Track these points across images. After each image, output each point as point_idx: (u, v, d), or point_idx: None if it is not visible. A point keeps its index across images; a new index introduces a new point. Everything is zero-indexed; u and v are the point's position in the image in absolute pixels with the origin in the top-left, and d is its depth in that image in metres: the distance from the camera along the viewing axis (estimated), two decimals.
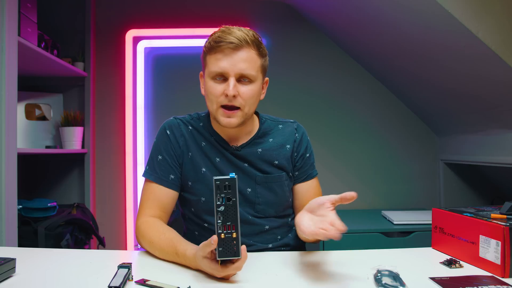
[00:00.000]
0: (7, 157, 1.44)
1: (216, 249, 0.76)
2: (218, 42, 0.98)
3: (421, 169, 2.42)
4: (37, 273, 0.84)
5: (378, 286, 0.74)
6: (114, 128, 2.40)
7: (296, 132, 1.16)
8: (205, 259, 0.79)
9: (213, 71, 0.99)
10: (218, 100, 1.00)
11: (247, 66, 0.98)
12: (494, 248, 0.82)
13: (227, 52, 0.98)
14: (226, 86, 0.98)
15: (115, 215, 2.37)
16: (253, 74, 1.00)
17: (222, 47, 0.98)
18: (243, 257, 0.77)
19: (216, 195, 0.76)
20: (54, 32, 2.14)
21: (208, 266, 0.79)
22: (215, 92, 1.00)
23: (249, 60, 0.99)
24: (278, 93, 2.35)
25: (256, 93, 1.03)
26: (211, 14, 2.40)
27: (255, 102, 1.04)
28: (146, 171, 1.09)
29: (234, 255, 0.76)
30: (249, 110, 1.02)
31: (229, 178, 0.77)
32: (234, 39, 0.97)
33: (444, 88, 1.86)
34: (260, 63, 1.02)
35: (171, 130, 1.11)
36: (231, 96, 0.98)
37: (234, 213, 0.76)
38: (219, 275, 0.79)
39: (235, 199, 0.77)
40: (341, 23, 2.13)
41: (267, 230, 1.10)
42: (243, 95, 1.00)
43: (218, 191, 0.76)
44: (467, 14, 1.32)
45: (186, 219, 1.15)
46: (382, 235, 1.84)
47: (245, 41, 0.98)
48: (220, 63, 0.98)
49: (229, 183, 0.76)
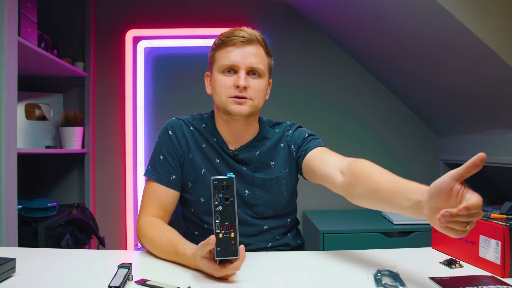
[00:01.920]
0: (7, 157, 1.44)
1: (214, 249, 0.76)
2: (229, 37, 1.02)
3: (421, 169, 2.42)
4: (37, 273, 0.84)
5: (378, 286, 0.74)
6: (114, 128, 2.40)
7: (290, 128, 1.16)
8: (204, 259, 0.79)
9: (224, 64, 1.02)
10: (228, 92, 1.02)
11: (257, 60, 1.02)
12: (494, 248, 0.82)
13: (239, 45, 1.01)
14: (237, 78, 1.01)
15: (115, 215, 2.37)
16: (262, 69, 1.03)
17: (233, 40, 1.01)
18: (241, 257, 0.77)
19: (214, 195, 0.76)
20: (54, 32, 2.14)
21: (206, 265, 0.79)
22: (225, 84, 1.02)
23: (259, 55, 1.03)
24: (278, 93, 2.34)
25: (264, 88, 1.06)
26: (211, 14, 2.40)
27: (263, 97, 1.07)
28: (148, 171, 1.10)
29: (232, 255, 0.76)
30: (258, 103, 1.05)
31: (227, 178, 0.76)
32: (246, 34, 1.02)
33: (444, 88, 1.86)
34: (267, 61, 1.07)
35: (173, 130, 1.11)
36: (241, 87, 1.00)
37: (232, 213, 0.76)
38: (217, 275, 0.79)
39: (233, 199, 0.76)
40: (341, 23, 2.14)
41: (266, 230, 1.10)
42: (253, 88, 1.02)
43: (216, 191, 0.76)
44: (467, 14, 1.32)
45: (186, 219, 1.16)
46: (382, 235, 1.84)
47: (255, 37, 1.03)
48: (231, 56, 1.01)
49: (227, 183, 0.76)
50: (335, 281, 0.81)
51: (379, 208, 0.89)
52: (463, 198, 0.64)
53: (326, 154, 1.06)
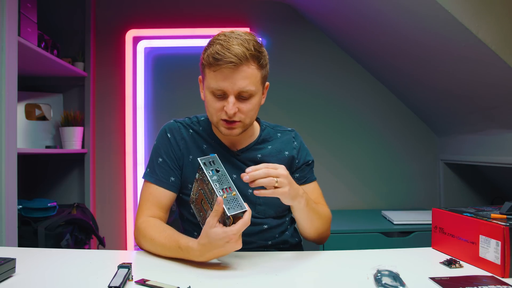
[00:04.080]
0: (7, 157, 1.44)
1: (224, 209, 0.83)
2: (217, 60, 0.94)
3: (421, 169, 2.42)
4: (37, 273, 0.84)
5: (378, 286, 0.74)
6: (114, 128, 2.40)
7: (294, 140, 1.19)
8: (215, 228, 0.83)
9: (213, 87, 0.98)
10: (218, 114, 1.01)
11: (247, 83, 0.96)
12: (494, 248, 0.82)
13: (227, 73, 0.95)
14: (226, 103, 0.98)
15: (115, 215, 2.37)
16: (253, 90, 0.98)
17: (221, 66, 0.94)
18: (248, 209, 0.85)
19: (206, 171, 0.87)
20: (54, 32, 2.14)
21: (221, 231, 0.82)
22: (215, 107, 1.00)
23: (249, 76, 0.96)
24: (278, 93, 2.35)
25: (256, 105, 1.03)
26: (211, 14, 2.40)
27: (255, 113, 1.05)
28: (147, 173, 1.10)
29: (241, 208, 0.84)
30: (250, 121, 1.04)
31: (211, 156, 0.91)
32: (234, 58, 0.93)
33: (444, 88, 1.86)
34: (260, 76, 1.00)
35: (171, 133, 1.11)
36: (231, 114, 0.98)
37: (226, 179, 0.88)
38: (234, 237, 0.82)
39: (223, 169, 0.89)
40: (341, 22, 2.13)
41: (265, 229, 1.11)
42: (242, 111, 1.00)
43: (206, 166, 0.88)
44: (467, 14, 1.32)
45: (184, 220, 1.16)
46: (382, 235, 1.84)
47: (244, 58, 0.94)
48: (219, 83, 0.96)
49: (212, 159, 0.90)
50: (335, 281, 0.81)
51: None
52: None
53: (315, 192, 1.18)
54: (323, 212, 1.11)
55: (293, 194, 0.93)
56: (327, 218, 1.12)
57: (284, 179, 0.89)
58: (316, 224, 1.06)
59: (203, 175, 0.89)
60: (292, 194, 0.93)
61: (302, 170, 1.17)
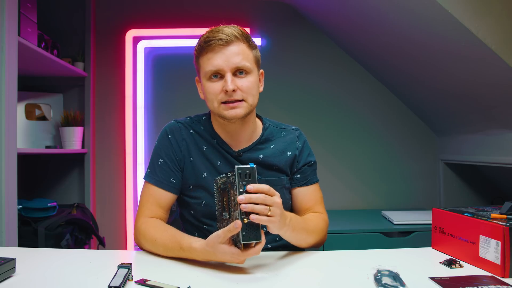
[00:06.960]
0: (7, 157, 1.44)
1: (239, 233, 0.79)
2: (208, 41, 0.99)
3: (421, 169, 2.42)
4: (37, 273, 0.84)
5: (378, 286, 0.74)
6: (114, 128, 2.40)
7: (298, 140, 1.17)
8: (223, 244, 0.81)
9: (208, 71, 1.00)
10: (218, 98, 1.00)
11: (240, 58, 0.99)
12: (494, 248, 0.82)
13: (218, 49, 0.98)
14: (224, 83, 0.99)
15: (115, 215, 2.37)
16: (248, 65, 1.00)
17: (212, 45, 0.98)
18: (263, 240, 0.82)
19: (238, 183, 0.80)
20: (54, 32, 2.14)
21: (228, 250, 0.81)
22: (214, 91, 1.00)
23: (241, 52, 0.99)
24: (278, 93, 2.35)
25: (255, 84, 1.03)
26: (211, 14, 2.39)
27: (256, 93, 1.04)
28: (147, 175, 1.10)
29: (256, 239, 0.80)
30: (252, 101, 1.03)
31: (249, 167, 0.82)
32: (223, 36, 0.98)
33: (444, 88, 1.86)
34: (252, 54, 1.03)
35: (172, 134, 1.11)
36: (230, 91, 0.98)
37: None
38: (238, 259, 0.81)
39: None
40: (341, 23, 2.13)
41: (266, 232, 1.10)
42: (242, 88, 1.00)
43: (240, 179, 0.81)
44: (467, 14, 1.32)
45: (185, 220, 1.16)
46: (382, 235, 1.84)
47: (234, 36, 0.99)
48: (213, 61, 0.99)
49: (249, 172, 0.82)
50: (335, 281, 0.81)
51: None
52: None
53: (314, 195, 1.17)
54: (315, 226, 1.08)
55: (281, 224, 0.89)
56: (320, 230, 1.10)
57: (276, 209, 0.85)
58: (308, 240, 1.04)
59: (234, 182, 0.82)
60: (280, 224, 0.89)
61: (302, 171, 1.16)
